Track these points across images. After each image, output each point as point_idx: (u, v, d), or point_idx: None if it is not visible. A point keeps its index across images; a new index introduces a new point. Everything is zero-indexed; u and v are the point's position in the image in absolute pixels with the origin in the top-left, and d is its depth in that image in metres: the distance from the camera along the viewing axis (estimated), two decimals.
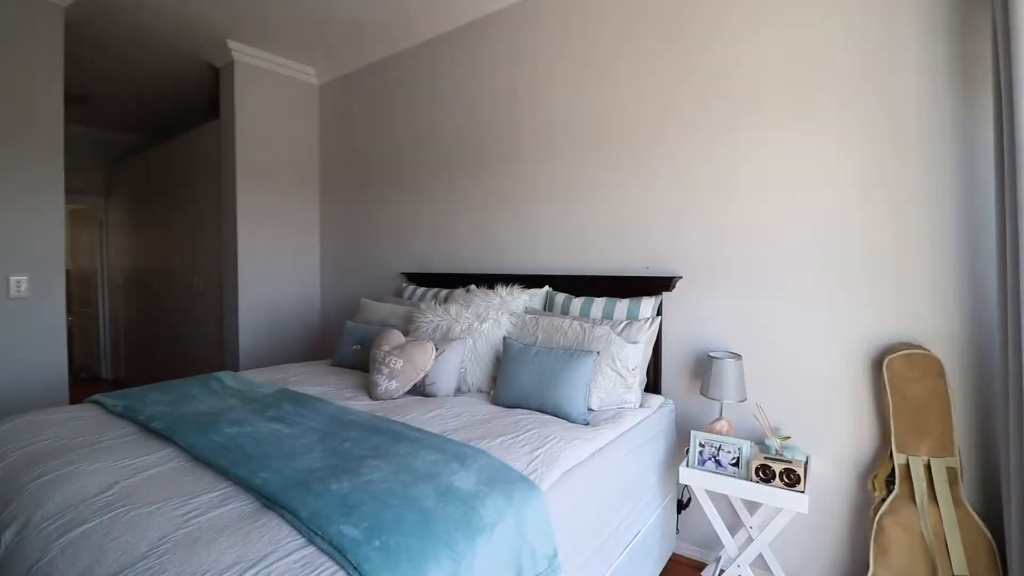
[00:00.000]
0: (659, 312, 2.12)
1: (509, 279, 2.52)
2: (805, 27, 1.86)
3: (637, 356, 1.92)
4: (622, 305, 2.12)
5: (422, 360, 1.99)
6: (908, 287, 1.70)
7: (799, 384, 1.90)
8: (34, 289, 2.63)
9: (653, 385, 2.13)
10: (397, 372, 1.97)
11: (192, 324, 4.15)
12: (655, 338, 2.07)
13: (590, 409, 1.85)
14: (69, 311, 3.28)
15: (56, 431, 1.58)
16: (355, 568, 0.91)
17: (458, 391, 2.09)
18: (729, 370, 1.84)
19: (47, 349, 2.69)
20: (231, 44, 3.31)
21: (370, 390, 2.01)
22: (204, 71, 3.70)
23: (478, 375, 2.11)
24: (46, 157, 2.67)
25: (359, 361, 2.47)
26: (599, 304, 2.18)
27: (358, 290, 3.58)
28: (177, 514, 1.08)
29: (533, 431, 1.58)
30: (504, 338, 2.10)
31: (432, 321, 2.27)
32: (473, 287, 2.65)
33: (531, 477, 1.31)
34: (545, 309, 2.38)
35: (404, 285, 3.10)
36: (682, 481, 1.75)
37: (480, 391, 2.11)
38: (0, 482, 1.33)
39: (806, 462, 1.72)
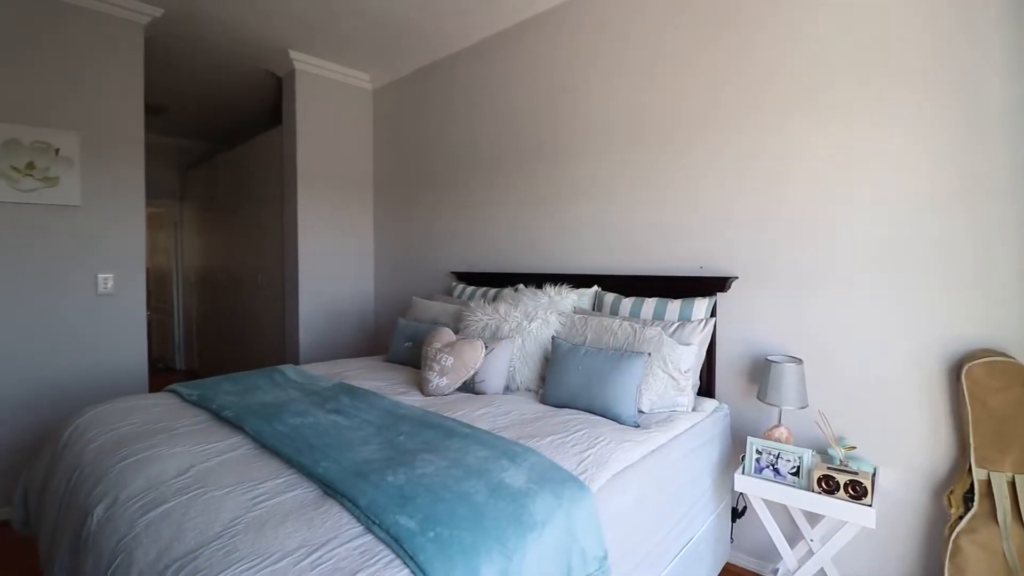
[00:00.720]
0: (713, 313, 2.06)
1: (557, 279, 2.52)
2: (871, 10, 1.75)
3: (690, 358, 1.87)
4: (674, 306, 2.07)
5: (472, 358, 2.02)
6: (991, 290, 1.57)
7: (865, 392, 1.79)
8: (119, 286, 2.87)
9: (707, 389, 2.07)
10: (448, 369, 2.01)
11: (256, 319, 4.39)
12: (709, 340, 2.02)
13: (640, 411, 1.82)
14: (148, 306, 3.55)
15: (139, 417, 1.72)
16: (411, 558, 0.94)
17: (507, 389, 2.11)
18: (789, 375, 1.76)
19: (130, 341, 2.92)
20: (292, 54, 3.47)
21: (422, 386, 2.07)
22: (267, 80, 3.91)
23: (527, 374, 2.12)
24: (129, 165, 2.90)
25: (411, 358, 2.54)
26: (650, 304, 2.14)
27: (409, 288, 3.68)
28: (247, 498, 1.16)
29: (582, 431, 1.58)
30: (552, 337, 2.10)
31: (481, 320, 2.30)
32: (521, 286, 2.67)
33: (581, 477, 1.30)
34: (594, 309, 2.36)
35: (453, 284, 3.16)
36: (737, 489, 1.70)
37: (528, 390, 2.12)
38: (91, 463, 1.46)
39: (873, 474, 1.63)
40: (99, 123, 2.78)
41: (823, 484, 1.55)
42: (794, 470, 1.63)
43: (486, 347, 2.08)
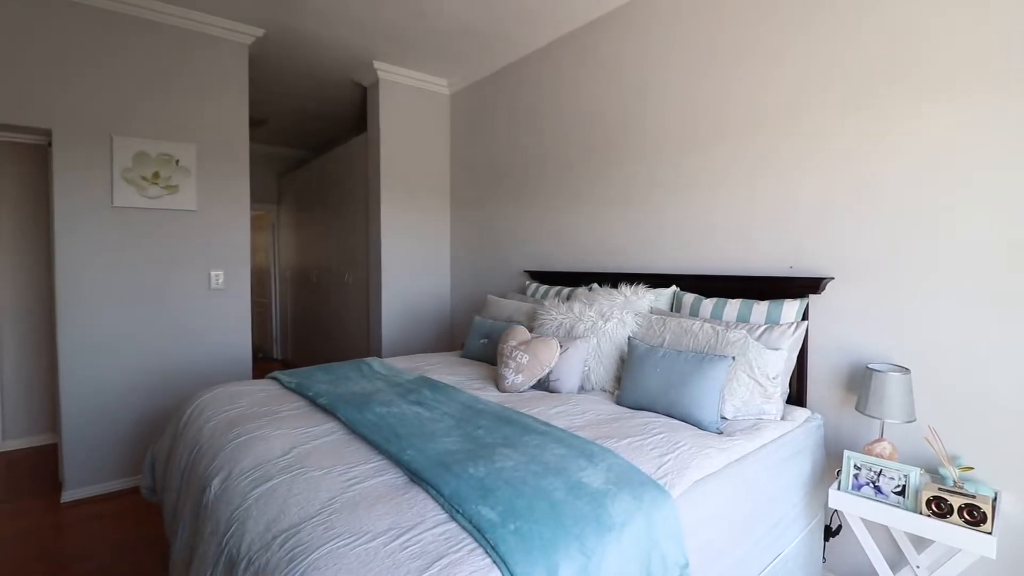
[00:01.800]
0: (804, 316, 1.93)
1: (632, 278, 2.48)
2: None
3: (779, 364, 1.77)
4: (760, 308, 1.96)
5: (547, 356, 2.04)
6: None
7: (986, 407, 1.60)
8: (228, 282, 3.18)
9: (797, 397, 1.95)
10: (523, 367, 2.04)
11: (344, 314, 4.69)
12: (800, 345, 1.89)
13: (723, 418, 1.74)
14: (251, 301, 3.92)
15: (246, 400, 1.90)
16: (492, 548, 0.97)
17: (581, 389, 2.11)
18: (894, 385, 1.61)
19: (236, 332, 3.23)
20: (376, 64, 3.67)
21: (498, 382, 2.11)
22: (354, 90, 4.15)
23: (602, 374, 2.10)
24: (237, 173, 3.21)
25: (486, 354, 2.60)
26: (733, 306, 2.04)
27: (484, 287, 3.77)
28: (341, 479, 1.25)
29: (661, 435, 1.54)
30: (629, 338, 2.07)
31: (556, 319, 2.31)
32: (596, 286, 2.65)
33: (660, 482, 1.28)
34: (672, 310, 2.30)
35: (527, 283, 3.19)
36: (832, 505, 1.58)
37: (604, 390, 2.10)
38: (208, 440, 1.63)
39: (994, 498, 1.46)
40: (212, 136, 3.10)
41: (933, 506, 1.41)
42: (899, 489, 1.50)
43: (561, 346, 2.09)
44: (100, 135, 2.76)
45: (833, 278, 1.91)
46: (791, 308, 1.91)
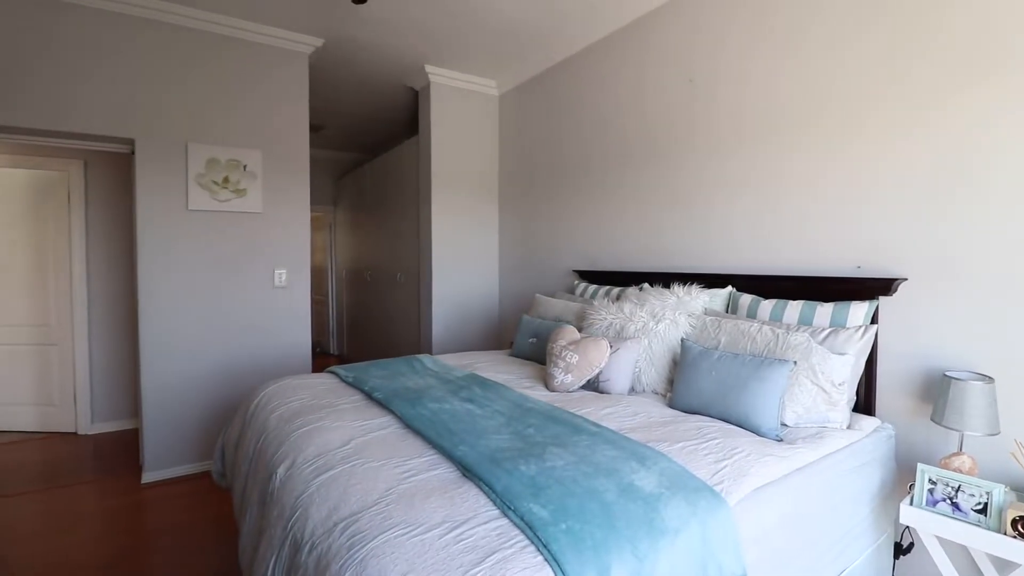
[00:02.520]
0: (874, 320, 1.82)
1: (684, 278, 2.42)
2: None
3: (845, 370, 1.68)
4: (824, 310, 1.87)
5: (597, 357, 2.02)
6: None
7: None
8: (290, 280, 3.35)
9: (865, 405, 1.84)
10: (572, 367, 2.04)
11: (395, 311, 4.84)
12: (869, 350, 1.79)
13: (784, 424, 1.67)
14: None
15: (307, 393, 1.99)
16: (544, 546, 0.98)
17: (632, 391, 2.08)
18: (975, 395, 1.50)
19: (297, 328, 3.40)
20: (428, 68, 3.75)
21: (547, 381, 2.12)
22: (406, 94, 4.27)
23: (653, 376, 2.06)
24: (298, 177, 3.37)
25: (535, 353, 2.61)
26: (794, 308, 1.95)
27: (532, 286, 3.78)
28: (397, 472, 1.29)
29: (717, 440, 1.50)
30: (682, 340, 2.02)
31: (605, 319, 2.29)
32: (646, 285, 2.60)
33: (716, 488, 1.24)
34: (727, 311, 2.22)
35: (576, 282, 3.18)
36: (904, 521, 1.49)
37: (655, 392, 2.07)
38: (274, 429, 1.73)
39: None
40: (275, 142, 3.27)
41: (1020, 527, 1.30)
42: (980, 507, 1.39)
43: (611, 346, 2.06)
44: (176, 143, 2.97)
45: (906, 279, 1.79)
46: (859, 310, 1.81)
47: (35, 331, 3.73)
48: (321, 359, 6.28)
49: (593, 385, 2.07)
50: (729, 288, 2.29)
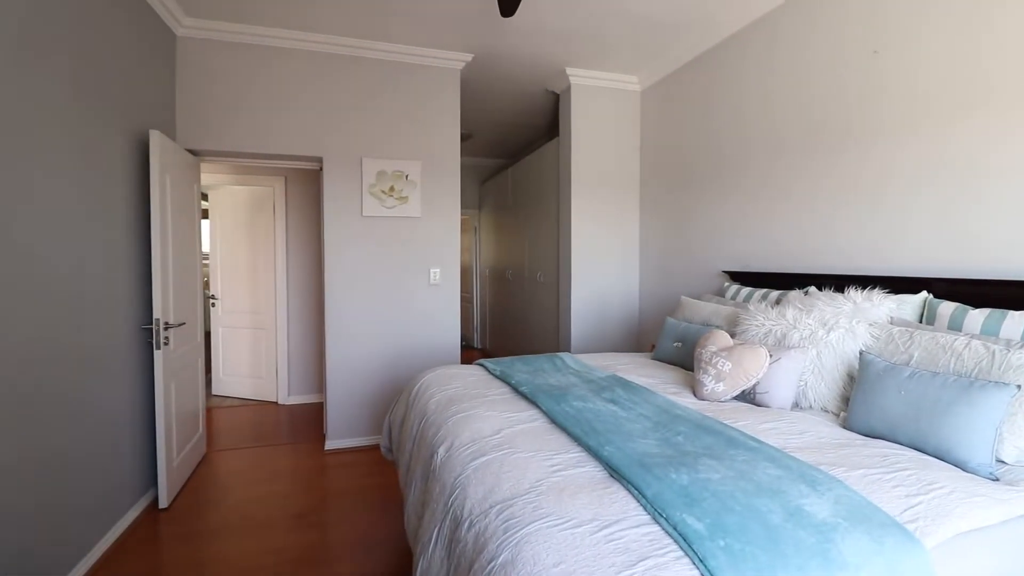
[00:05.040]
0: None
1: (861, 281, 2.11)
2: None
3: None
4: None
5: (753, 366, 1.87)
6: None
7: None
8: (443, 279, 3.66)
9: None
10: (724, 375, 1.91)
11: (535, 309, 4.99)
12: None
13: (1000, 461, 1.38)
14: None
15: (460, 383, 2.16)
16: (700, 560, 0.94)
17: (796, 406, 1.88)
18: None
19: (449, 322, 3.70)
20: (568, 71, 3.79)
21: (695, 389, 2.02)
22: (546, 98, 4.37)
23: (823, 391, 1.84)
24: (450, 184, 3.66)
25: (679, 358, 2.50)
26: (1015, 320, 1.59)
27: (676, 288, 3.61)
28: (546, 464, 1.34)
29: (907, 472, 1.29)
30: (861, 352, 1.77)
31: (763, 325, 2.10)
32: (813, 289, 2.33)
33: (908, 527, 1.07)
34: (921, 321, 1.89)
35: (726, 284, 2.96)
36: None
37: (824, 410, 1.84)
38: (433, 413, 1.91)
39: None
40: (432, 153, 3.59)
41: None
42: None
43: (771, 355, 1.89)
44: (353, 159, 3.42)
45: None
46: None
47: (251, 317, 4.60)
48: (467, 352, 6.73)
49: (749, 396, 1.92)
50: (923, 294, 1.95)
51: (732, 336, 2.21)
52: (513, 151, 6.36)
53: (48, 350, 1.89)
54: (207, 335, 4.47)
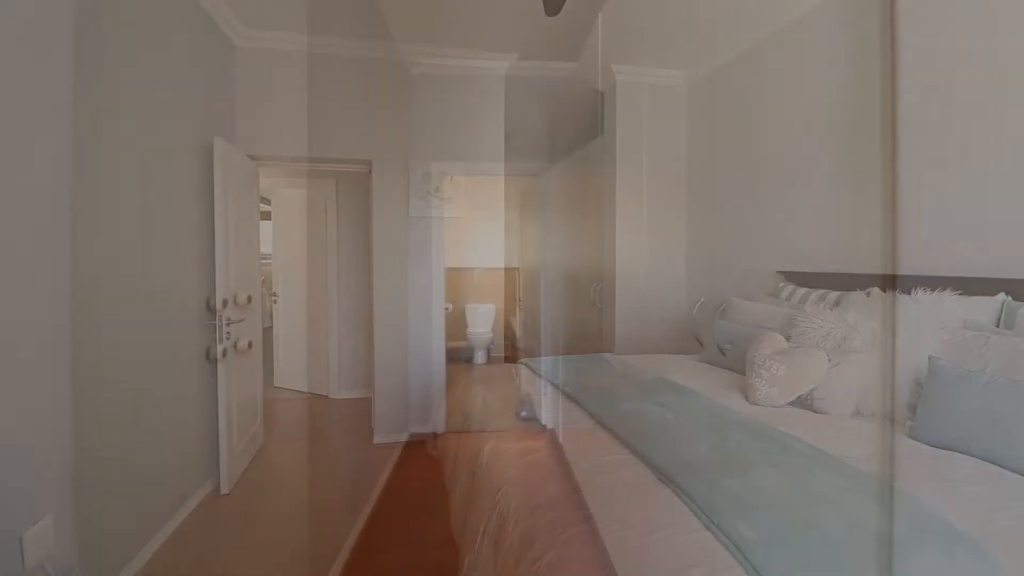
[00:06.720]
0: None
1: (932, 281, 1.98)
2: None
3: None
4: None
5: (811, 370, 1.79)
6: None
7: None
8: (487, 277, 3.69)
9: None
10: (779, 379, 1.84)
11: (578, 309, 4.96)
12: None
13: None
14: None
15: (503, 382, 2.18)
16: (755, 570, 0.91)
17: (857, 413, 1.78)
18: None
19: (491, 320, 3.73)
20: (615, 68, 3.74)
21: (747, 393, 1.95)
22: (591, 96, 4.31)
23: (887, 399, 1.74)
24: (493, 183, 3.70)
25: (729, 361, 2.43)
26: None
27: (725, 288, 3.50)
28: (593, 465, 1.33)
29: (983, 487, 1.21)
30: (930, 358, 1.66)
31: (822, 327, 2.01)
32: (875, 290, 2.20)
33: (983, 544, 1.00)
34: (999, 325, 1.76)
35: (780, 285, 2.84)
36: None
37: (888, 419, 1.74)
38: (479, 412, 1.93)
39: None
40: (475, 154, 3.63)
41: None
42: None
43: (829, 360, 1.81)
44: (400, 162, 3.51)
45: None
46: None
47: (307, 314, 4.81)
48: (510, 351, 6.76)
49: (805, 402, 1.84)
50: (1002, 295, 1.81)
51: (787, 339, 2.12)
52: (556, 150, 6.33)
53: (149, 352, 2.21)
54: (269, 330, 4.70)
